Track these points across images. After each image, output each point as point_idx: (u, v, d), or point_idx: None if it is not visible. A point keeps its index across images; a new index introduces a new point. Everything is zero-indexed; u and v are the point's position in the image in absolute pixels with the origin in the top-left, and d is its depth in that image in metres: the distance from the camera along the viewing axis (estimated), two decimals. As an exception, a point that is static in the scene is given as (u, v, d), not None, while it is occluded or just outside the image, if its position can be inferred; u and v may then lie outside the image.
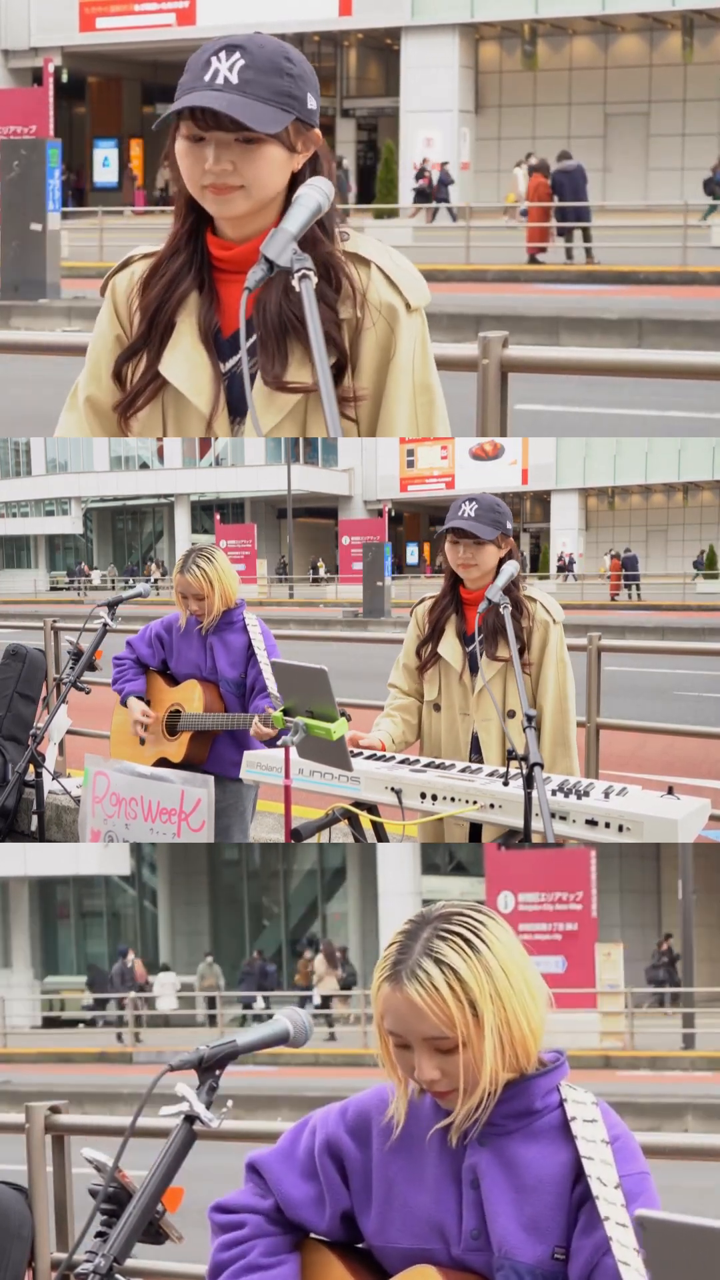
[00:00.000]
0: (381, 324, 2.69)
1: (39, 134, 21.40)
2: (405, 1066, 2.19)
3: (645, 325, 18.36)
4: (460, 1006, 2.13)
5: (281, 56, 2.61)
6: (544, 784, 3.89)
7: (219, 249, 2.70)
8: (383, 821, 4.61)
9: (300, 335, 2.62)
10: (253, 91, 2.55)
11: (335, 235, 2.68)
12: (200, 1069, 2.17)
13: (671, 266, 22.58)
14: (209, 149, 2.57)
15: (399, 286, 2.70)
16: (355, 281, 2.67)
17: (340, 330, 2.68)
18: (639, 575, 40.86)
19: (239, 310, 2.53)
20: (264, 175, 2.59)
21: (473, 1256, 2.18)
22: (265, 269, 2.46)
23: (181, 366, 2.71)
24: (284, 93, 2.58)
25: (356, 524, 40.58)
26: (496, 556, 4.62)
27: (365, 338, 2.69)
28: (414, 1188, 2.23)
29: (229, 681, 5.72)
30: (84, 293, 20.80)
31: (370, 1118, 2.28)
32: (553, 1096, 2.22)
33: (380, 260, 2.71)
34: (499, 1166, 2.18)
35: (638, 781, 4.71)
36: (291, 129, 2.59)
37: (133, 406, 2.77)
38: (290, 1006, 2.34)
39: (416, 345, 2.73)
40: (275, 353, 2.66)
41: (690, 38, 35.23)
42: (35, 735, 7.02)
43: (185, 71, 2.61)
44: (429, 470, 49.32)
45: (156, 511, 54.76)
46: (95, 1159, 2.41)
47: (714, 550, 44.41)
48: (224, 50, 2.59)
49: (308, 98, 2.62)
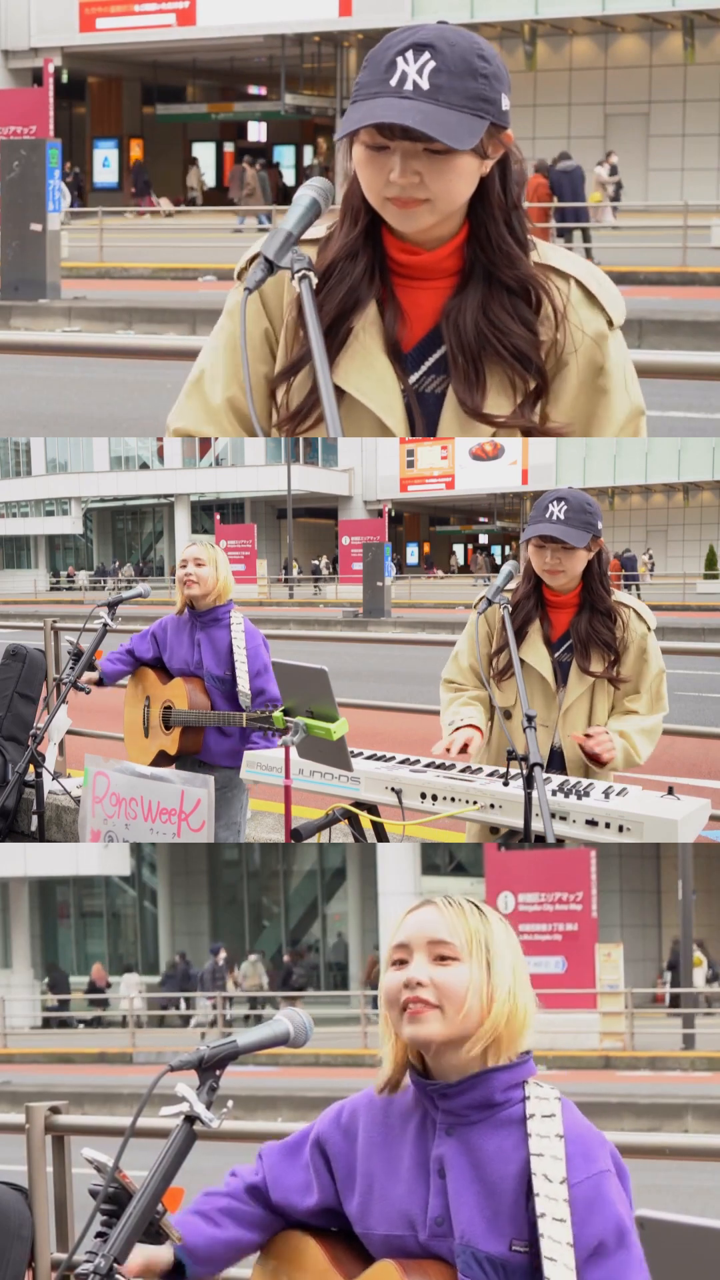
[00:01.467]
0: (587, 346, 2.51)
1: (39, 134, 21.40)
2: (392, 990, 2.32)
3: (645, 325, 18.35)
4: (467, 931, 2.32)
5: (475, 54, 2.36)
6: (544, 784, 3.89)
7: (402, 253, 2.48)
8: (383, 821, 4.61)
9: (502, 360, 2.45)
10: (445, 99, 2.31)
11: (528, 246, 2.48)
12: (200, 1069, 2.17)
13: (671, 266, 22.57)
14: (394, 158, 2.35)
15: (602, 303, 2.52)
16: (556, 301, 2.48)
17: (540, 353, 2.48)
18: (638, 575, 40.86)
19: (426, 319, 2.43)
20: (454, 188, 2.38)
21: (437, 1243, 2.28)
22: (265, 269, 2.38)
23: (367, 380, 2.49)
24: (479, 97, 2.35)
25: (356, 524, 40.56)
26: (586, 560, 4.33)
27: (569, 361, 2.50)
28: (391, 1179, 2.34)
29: (214, 678, 5.97)
30: (84, 293, 20.81)
31: (359, 1116, 2.40)
32: (516, 1092, 2.31)
33: (580, 274, 2.52)
34: (464, 1156, 2.29)
35: (638, 781, 4.71)
36: (485, 135, 2.37)
37: (304, 422, 2.53)
38: (290, 1007, 2.34)
39: (626, 366, 2.57)
40: (472, 379, 2.46)
41: (690, 38, 35.21)
42: (35, 735, 7.02)
43: (364, 68, 2.37)
44: (429, 470, 49.32)
45: (156, 511, 54.75)
46: (95, 1159, 2.41)
47: (714, 550, 44.42)
48: (412, 50, 2.33)
49: (501, 98, 2.39)
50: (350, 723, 4.51)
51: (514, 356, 2.47)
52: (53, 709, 6.80)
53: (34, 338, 13.38)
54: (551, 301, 2.48)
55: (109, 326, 19.70)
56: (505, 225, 2.47)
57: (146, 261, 24.37)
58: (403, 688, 9.52)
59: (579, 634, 4.36)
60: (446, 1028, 2.29)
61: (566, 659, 4.40)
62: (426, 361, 2.52)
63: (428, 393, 2.51)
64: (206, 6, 35.60)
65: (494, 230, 2.46)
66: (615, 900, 30.01)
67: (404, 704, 8.31)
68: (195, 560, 5.96)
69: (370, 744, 4.86)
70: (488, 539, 54.70)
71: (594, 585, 4.39)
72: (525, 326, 2.47)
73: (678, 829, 4.01)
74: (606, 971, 20.78)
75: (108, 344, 7.69)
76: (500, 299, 2.47)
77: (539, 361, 2.49)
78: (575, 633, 4.37)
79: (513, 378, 2.48)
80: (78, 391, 17.19)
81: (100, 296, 20.81)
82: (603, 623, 4.37)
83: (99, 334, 17.58)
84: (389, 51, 2.35)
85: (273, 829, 7.77)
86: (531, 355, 2.48)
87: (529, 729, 3.94)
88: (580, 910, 20.56)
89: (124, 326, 19.90)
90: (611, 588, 4.44)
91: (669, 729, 8.57)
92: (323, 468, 50.27)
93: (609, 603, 4.38)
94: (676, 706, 4.79)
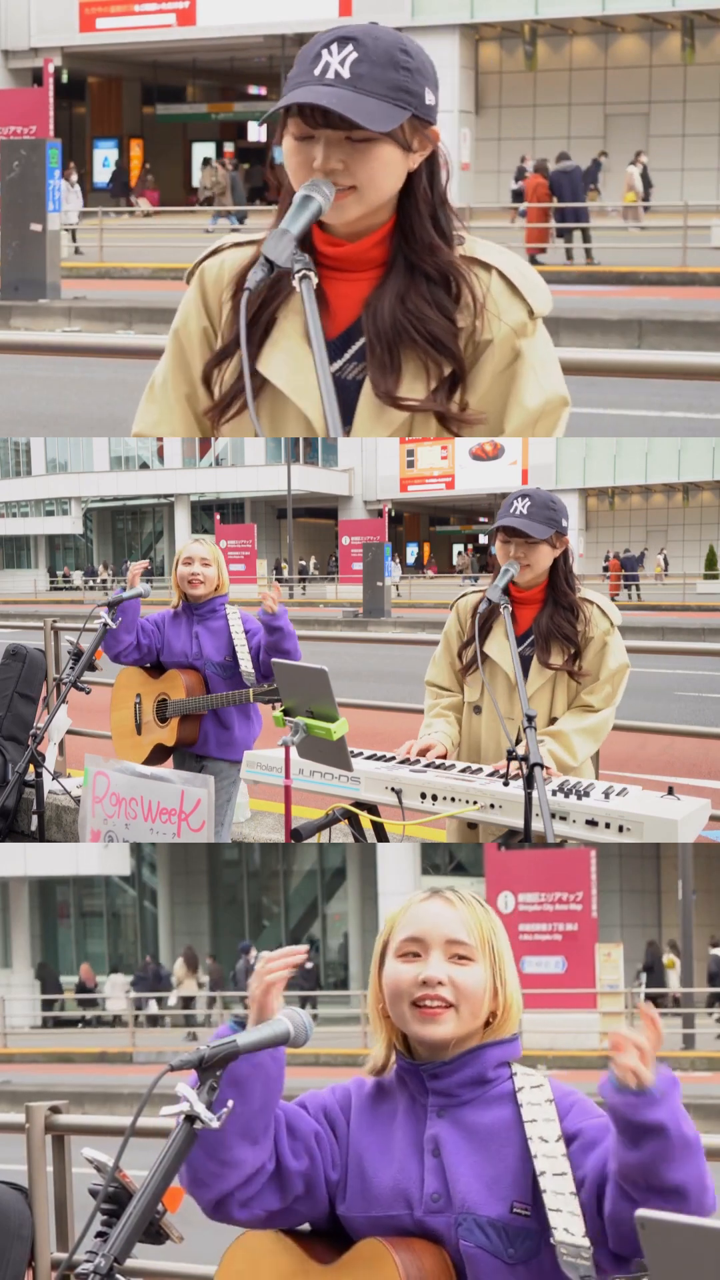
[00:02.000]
0: (505, 334, 2.54)
1: (39, 134, 21.39)
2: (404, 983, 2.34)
3: (645, 325, 18.35)
4: (480, 930, 2.38)
5: (397, 49, 2.42)
6: (544, 784, 3.89)
7: (328, 245, 2.52)
8: (383, 821, 4.61)
9: (417, 346, 2.50)
10: (365, 87, 2.38)
11: (453, 240, 2.54)
12: (200, 1069, 2.16)
13: (671, 267, 22.57)
14: (318, 147, 2.42)
15: (523, 293, 2.56)
16: (475, 290, 2.53)
17: (457, 340, 2.52)
18: (638, 575, 40.86)
19: (352, 310, 2.47)
20: (378, 175, 2.44)
21: (434, 1219, 2.30)
22: (266, 269, 2.40)
23: (284, 366, 2.54)
24: (399, 87, 2.41)
25: (356, 524, 40.55)
26: (551, 556, 4.49)
27: (485, 349, 2.54)
28: (381, 1161, 2.36)
29: (215, 665, 6.03)
30: (84, 293, 20.81)
31: (351, 1099, 2.44)
32: (504, 1070, 2.38)
33: (501, 265, 2.57)
34: (458, 1133, 2.33)
35: (638, 782, 4.71)
36: (407, 126, 2.44)
37: (229, 411, 2.61)
38: (291, 1007, 2.33)
39: (546, 355, 2.60)
40: (387, 364, 2.50)
41: (690, 38, 35.21)
42: (35, 735, 7.02)
43: (295, 64, 2.46)
44: (429, 470, 49.32)
45: (156, 511, 54.76)
46: (95, 1159, 2.41)
47: (714, 550, 44.42)
48: (336, 43, 2.41)
49: (425, 93, 2.45)
50: (350, 723, 4.51)
51: (428, 342, 2.51)
52: (53, 709, 6.79)
53: (34, 338, 13.38)
54: (471, 290, 2.52)
55: (109, 326, 19.70)
56: (430, 219, 2.53)
57: (146, 261, 24.37)
58: (403, 688, 9.51)
59: (540, 628, 4.49)
60: (460, 1027, 2.35)
61: (529, 653, 4.51)
62: (349, 350, 2.55)
63: (347, 379, 2.55)
64: (206, 6, 35.60)
65: (418, 224, 2.52)
66: (615, 900, 30.01)
67: (404, 704, 8.30)
68: (201, 560, 6.07)
69: (370, 744, 4.86)
70: (487, 539, 54.72)
71: (559, 582, 4.54)
72: (443, 313, 2.51)
73: (678, 829, 4.01)
74: (606, 971, 20.78)
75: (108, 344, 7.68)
76: (419, 287, 2.52)
77: (455, 348, 2.52)
78: (537, 627, 4.49)
79: (427, 363, 2.52)
80: (78, 391, 17.19)
81: (100, 296, 20.82)
82: (565, 617, 4.49)
83: (99, 334, 17.58)
84: (315, 46, 2.43)
85: (273, 829, 7.77)
86: (447, 341, 2.51)
87: (529, 729, 3.96)
88: (580, 910, 20.56)
89: (124, 326, 19.90)
90: (578, 585, 4.56)
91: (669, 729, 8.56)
92: (323, 468, 50.28)
93: (573, 598, 4.51)
94: (676, 706, 4.80)
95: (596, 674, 4.50)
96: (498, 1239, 2.27)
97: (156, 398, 2.73)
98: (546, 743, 4.35)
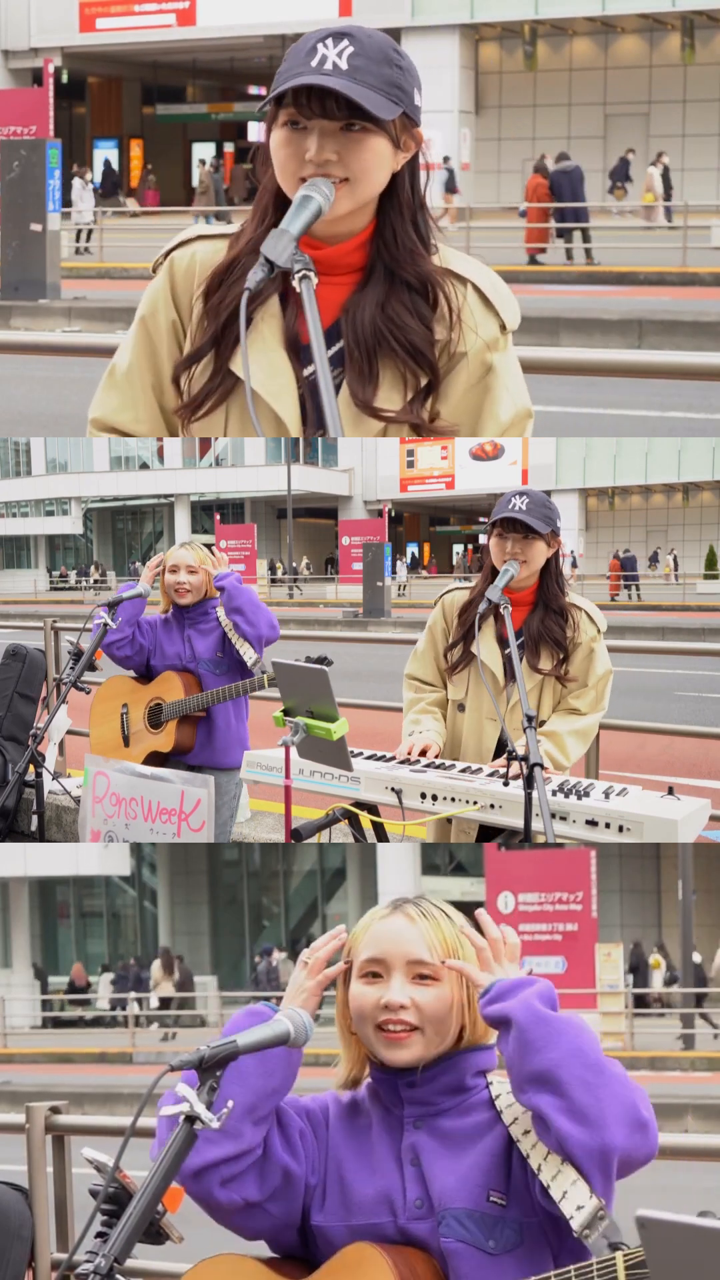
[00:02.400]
0: (479, 347, 2.55)
1: (39, 134, 21.39)
2: (366, 1007, 2.31)
3: (645, 325, 18.35)
4: (443, 942, 2.32)
5: (390, 48, 2.45)
6: (544, 784, 3.89)
7: (308, 248, 2.48)
8: (383, 821, 4.61)
9: (396, 356, 2.51)
10: (363, 79, 2.39)
11: (431, 247, 2.55)
12: (200, 1069, 2.16)
13: (671, 267, 22.57)
14: (311, 137, 2.41)
15: (496, 307, 2.57)
16: (452, 301, 2.53)
17: (434, 350, 2.53)
18: (638, 575, 40.85)
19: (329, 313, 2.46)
20: (370, 168, 2.43)
21: (417, 1225, 2.28)
22: (266, 270, 2.39)
23: (261, 370, 2.52)
24: (393, 83, 2.43)
25: (356, 524, 40.56)
26: (545, 555, 4.49)
27: (459, 361, 2.55)
28: (359, 1172, 2.34)
29: (208, 663, 5.99)
30: (84, 293, 20.80)
31: (329, 1109, 2.41)
32: (480, 1079, 2.36)
33: (477, 278, 2.58)
34: (436, 1141, 2.31)
35: (638, 782, 4.71)
36: (399, 123, 2.46)
37: (200, 409, 2.59)
38: (292, 1007, 2.33)
39: (515, 369, 2.62)
40: (365, 373, 2.51)
41: (690, 38, 35.22)
42: (35, 735, 7.02)
43: (285, 60, 2.46)
44: (429, 470, 49.32)
45: (156, 511, 54.76)
46: (95, 1159, 2.41)
47: (714, 550, 44.42)
48: (330, 38, 2.42)
49: (414, 93, 2.49)
50: (350, 723, 4.51)
51: (407, 352, 2.52)
52: (53, 709, 6.79)
53: (34, 338, 13.38)
54: (448, 301, 2.53)
55: (109, 326, 19.69)
56: (411, 223, 2.53)
57: (147, 261, 24.37)
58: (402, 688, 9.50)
59: (530, 632, 4.47)
60: (426, 1049, 2.32)
61: (518, 654, 4.46)
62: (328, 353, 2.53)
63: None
64: (206, 6, 35.61)
65: (400, 227, 2.52)
66: (615, 900, 30.02)
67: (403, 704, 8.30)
68: (188, 568, 5.98)
69: (370, 744, 4.86)
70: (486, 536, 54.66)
71: (549, 584, 4.53)
72: (422, 323, 2.52)
73: (678, 829, 4.01)
74: (606, 971, 20.78)
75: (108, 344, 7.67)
76: (400, 295, 2.52)
77: (432, 358, 2.53)
78: (527, 630, 4.48)
79: (405, 373, 2.53)
80: (78, 391, 17.13)
81: (100, 296, 20.82)
82: (555, 621, 4.49)
83: (99, 334, 17.58)
84: (309, 41, 2.44)
85: (273, 829, 7.77)
86: (425, 351, 2.52)
87: (529, 729, 3.96)
88: (580, 910, 20.55)
89: (124, 326, 19.85)
90: (567, 589, 4.55)
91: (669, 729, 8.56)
92: (323, 468, 50.27)
93: (562, 602, 4.51)
94: (676, 706, 4.81)
95: (584, 680, 4.50)
96: (476, 1230, 2.24)
97: (119, 384, 2.70)
98: (543, 743, 4.36)
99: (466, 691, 4.59)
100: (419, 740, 4.57)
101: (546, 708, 4.51)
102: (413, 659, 4.77)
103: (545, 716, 4.50)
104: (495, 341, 2.57)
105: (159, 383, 2.67)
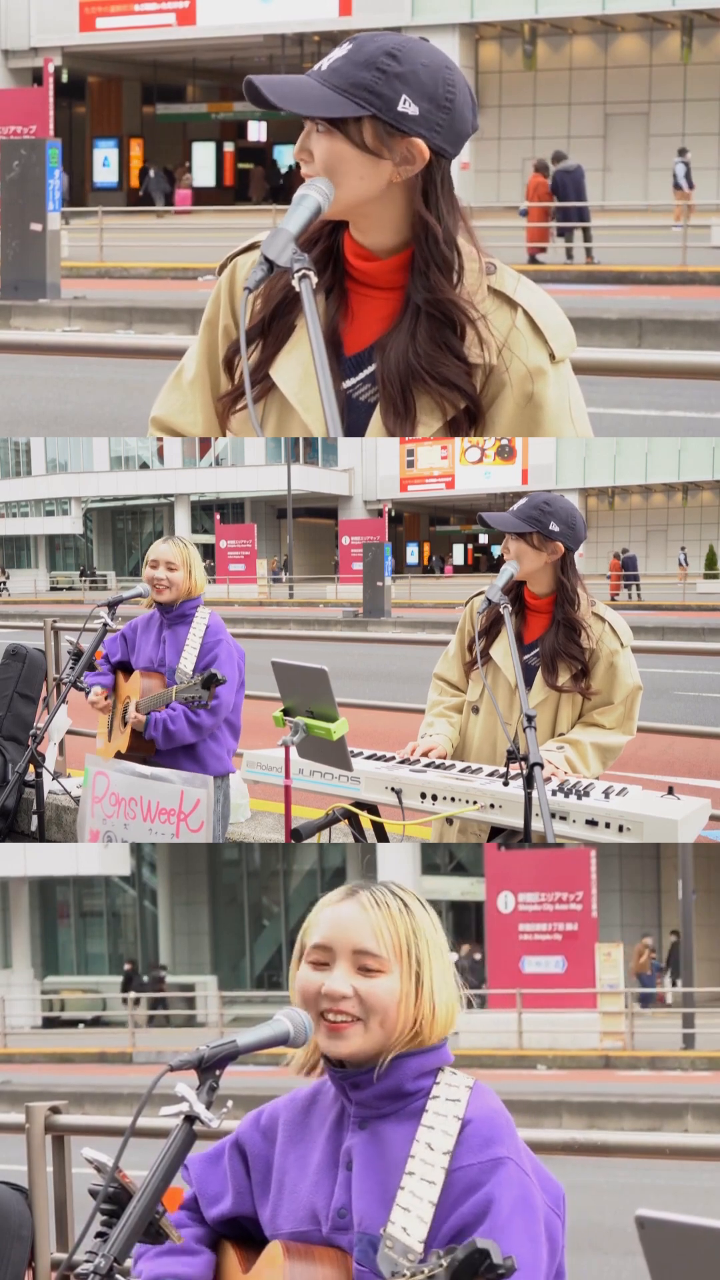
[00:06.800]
0: (522, 376, 2.49)
1: (39, 134, 21.39)
2: (310, 993, 2.24)
3: (645, 325, 18.35)
4: (395, 938, 2.23)
5: (384, 54, 2.40)
6: (544, 784, 3.89)
7: (357, 258, 2.49)
8: (383, 821, 4.61)
9: (429, 387, 2.47)
10: (327, 79, 2.38)
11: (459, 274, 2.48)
12: (200, 1069, 2.16)
13: (671, 266, 22.57)
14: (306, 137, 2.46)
15: (545, 336, 2.51)
16: (482, 333, 2.47)
17: (471, 378, 2.48)
18: (638, 575, 40.85)
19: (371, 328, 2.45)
20: (332, 165, 2.41)
21: (339, 1236, 2.23)
22: (265, 269, 2.38)
23: (294, 374, 2.51)
24: (361, 85, 2.37)
25: (356, 524, 40.57)
26: (537, 557, 4.41)
27: (503, 388, 2.50)
28: (301, 1175, 2.29)
29: (173, 670, 5.85)
30: (84, 293, 20.79)
31: (279, 1118, 2.36)
32: (427, 1080, 2.25)
33: (529, 304, 2.51)
34: (374, 1148, 2.24)
35: (638, 781, 4.71)
36: (368, 128, 2.39)
37: (239, 402, 2.59)
38: (291, 1007, 2.33)
39: (567, 398, 2.55)
40: (401, 410, 2.48)
41: (690, 38, 35.20)
42: (35, 735, 7.03)
43: None
44: (429, 470, 49.34)
45: (156, 511, 54.77)
46: (95, 1159, 2.40)
47: (714, 550, 44.43)
48: (347, 42, 2.45)
49: (401, 99, 2.38)
50: (350, 723, 4.51)
51: (441, 384, 2.49)
52: (53, 709, 6.80)
53: (34, 338, 13.39)
54: (478, 331, 2.47)
55: (109, 326, 19.69)
56: (432, 249, 2.47)
57: (146, 261, 24.37)
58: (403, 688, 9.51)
59: (545, 647, 4.44)
60: (367, 1042, 2.24)
61: (534, 664, 4.48)
62: (363, 370, 2.53)
63: (359, 400, 2.54)
64: (206, 6, 35.60)
65: (420, 253, 2.47)
66: (615, 900, 30.03)
67: (404, 704, 8.31)
68: (167, 564, 5.80)
69: (370, 744, 4.86)
70: (488, 539, 54.71)
71: (562, 595, 4.47)
72: (452, 354, 2.48)
73: (678, 829, 4.01)
74: (606, 971, 20.80)
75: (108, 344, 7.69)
76: (427, 328, 2.48)
77: (468, 387, 2.49)
78: (543, 644, 4.45)
79: (442, 402, 2.50)
80: (78, 391, 17.19)
81: (100, 296, 20.81)
82: (570, 636, 4.43)
83: (99, 334, 17.58)
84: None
85: (273, 829, 7.76)
86: (460, 383, 2.48)
87: (528, 729, 3.95)
88: (580, 910, 20.57)
89: (124, 326, 19.90)
90: (581, 599, 4.47)
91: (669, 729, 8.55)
92: (323, 468, 50.28)
93: (573, 615, 4.43)
94: (676, 706, 4.81)
95: (609, 695, 4.44)
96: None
97: (182, 386, 2.72)
98: (565, 749, 4.34)
99: (481, 693, 4.57)
100: (424, 742, 4.57)
101: (565, 722, 4.46)
102: (442, 659, 4.77)
103: (564, 730, 4.45)
104: (540, 372, 2.51)
105: (216, 383, 2.68)
